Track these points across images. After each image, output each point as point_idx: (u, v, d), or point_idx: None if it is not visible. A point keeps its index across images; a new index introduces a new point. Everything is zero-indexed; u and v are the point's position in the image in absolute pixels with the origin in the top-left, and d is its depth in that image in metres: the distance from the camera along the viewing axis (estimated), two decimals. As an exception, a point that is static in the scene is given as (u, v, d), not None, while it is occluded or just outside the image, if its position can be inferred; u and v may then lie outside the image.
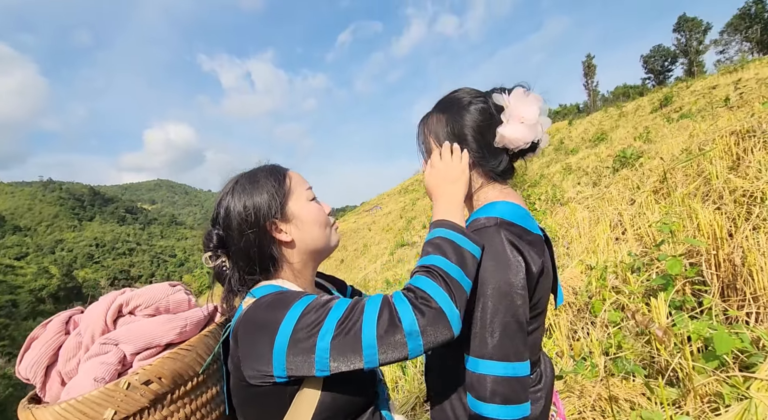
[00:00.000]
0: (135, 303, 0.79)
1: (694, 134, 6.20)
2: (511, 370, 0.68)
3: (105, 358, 0.70)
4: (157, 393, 0.67)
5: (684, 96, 18.40)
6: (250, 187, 0.77)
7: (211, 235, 0.77)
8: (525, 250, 0.73)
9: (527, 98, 0.81)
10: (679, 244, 2.61)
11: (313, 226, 0.80)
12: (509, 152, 0.86)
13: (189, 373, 0.72)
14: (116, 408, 0.63)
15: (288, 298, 0.68)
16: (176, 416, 0.70)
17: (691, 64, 53.99)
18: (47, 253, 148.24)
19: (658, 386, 1.53)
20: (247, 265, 0.77)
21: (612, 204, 4.24)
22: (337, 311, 0.64)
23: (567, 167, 11.60)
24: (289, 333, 0.62)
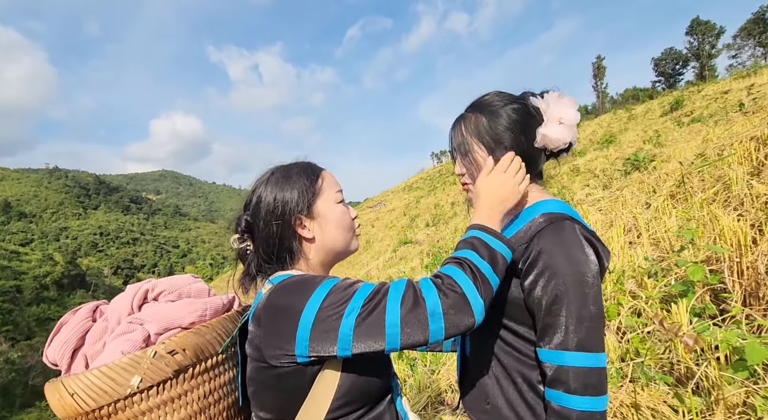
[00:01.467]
0: (159, 289, 0.84)
1: (708, 139, 6.11)
2: (597, 361, 0.69)
3: (131, 336, 0.73)
4: (181, 364, 0.71)
5: (695, 100, 18.20)
6: (283, 180, 0.81)
7: (241, 219, 0.82)
8: (597, 244, 0.76)
9: (563, 100, 0.84)
10: (700, 250, 2.56)
11: (336, 228, 0.82)
12: (546, 152, 0.88)
13: (209, 350, 0.76)
14: (142, 375, 0.67)
15: (313, 280, 0.70)
16: (195, 392, 0.73)
17: (703, 68, 53.36)
18: (52, 240, 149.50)
19: (684, 395, 1.50)
20: (266, 254, 0.80)
21: (626, 207, 4.18)
22: (363, 292, 0.65)
23: (575, 169, 11.51)
24: (315, 312, 0.64)
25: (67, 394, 0.64)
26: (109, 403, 0.65)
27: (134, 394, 0.67)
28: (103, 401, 0.65)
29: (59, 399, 0.65)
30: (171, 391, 0.70)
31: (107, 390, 0.65)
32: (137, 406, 0.67)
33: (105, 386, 0.65)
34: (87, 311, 0.82)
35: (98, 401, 0.65)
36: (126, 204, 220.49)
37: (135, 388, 0.66)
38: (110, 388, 0.65)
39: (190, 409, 0.72)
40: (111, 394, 0.65)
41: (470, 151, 0.88)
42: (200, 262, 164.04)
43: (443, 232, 14.64)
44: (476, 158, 0.87)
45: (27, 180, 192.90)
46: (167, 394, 0.70)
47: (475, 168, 0.88)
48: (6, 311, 70.27)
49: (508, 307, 0.80)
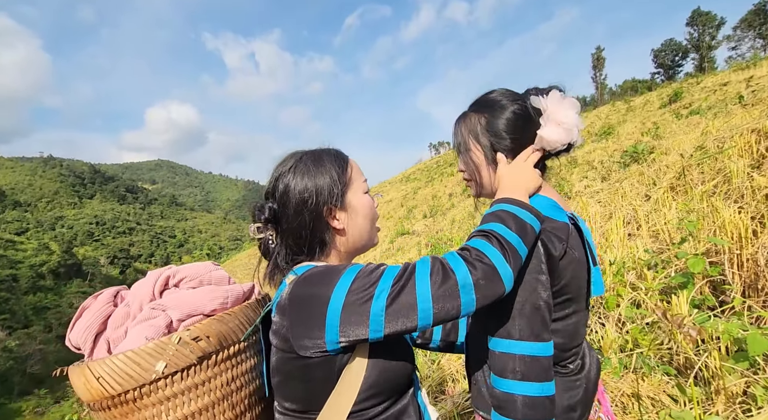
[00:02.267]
0: (181, 276, 0.84)
1: (707, 131, 6.11)
2: (528, 349, 0.71)
3: (154, 322, 0.74)
4: (205, 351, 0.71)
5: (694, 92, 18.15)
6: (315, 168, 0.77)
7: (265, 208, 0.77)
8: (544, 236, 0.76)
9: (564, 102, 0.84)
10: (700, 242, 2.57)
11: (364, 219, 0.81)
12: (545, 152, 0.89)
13: (232, 337, 0.76)
14: (167, 361, 0.67)
15: (336, 268, 0.68)
16: (218, 379, 0.74)
17: (703, 60, 53.10)
18: (47, 229, 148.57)
19: (684, 384, 1.51)
20: (296, 245, 0.77)
21: (626, 199, 4.19)
22: (391, 273, 0.65)
23: (572, 160, 11.50)
24: (343, 297, 0.63)
25: (93, 377, 0.65)
26: (135, 388, 0.66)
27: (159, 379, 0.67)
28: (129, 386, 0.66)
29: (85, 382, 0.66)
30: (195, 378, 0.71)
31: (133, 375, 0.66)
32: (162, 391, 0.68)
33: (131, 371, 0.66)
34: (108, 296, 0.83)
35: (124, 385, 0.66)
36: (122, 193, 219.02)
37: (160, 373, 0.67)
38: (136, 373, 0.66)
39: (213, 396, 0.73)
40: (136, 378, 0.66)
41: (469, 151, 0.91)
42: (197, 253, 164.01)
43: (441, 223, 14.66)
44: (474, 158, 0.91)
45: (21, 169, 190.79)
46: (191, 380, 0.70)
47: (474, 167, 0.91)
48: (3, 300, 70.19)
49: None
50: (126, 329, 0.77)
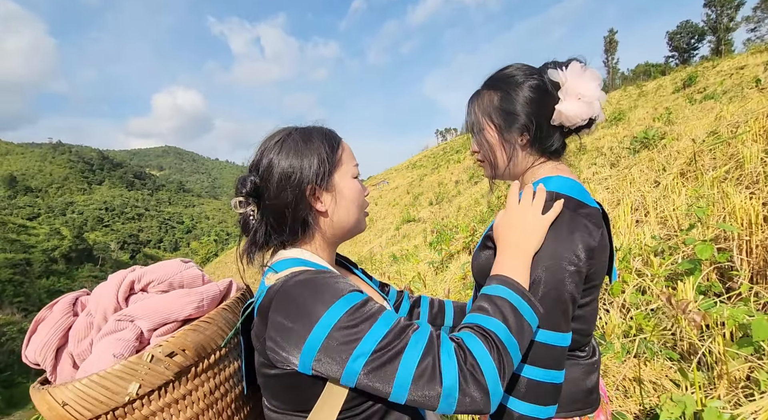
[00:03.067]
0: (147, 279, 0.75)
1: (721, 116, 5.95)
2: (543, 337, 0.69)
3: (122, 335, 0.67)
4: (182, 365, 0.66)
5: (709, 76, 17.63)
6: (303, 145, 0.73)
7: (246, 181, 0.72)
8: (581, 223, 0.73)
9: (585, 74, 0.79)
10: (709, 228, 2.54)
11: (350, 204, 0.77)
12: (564, 129, 0.85)
13: (211, 345, 0.70)
14: (140, 381, 0.62)
15: (333, 286, 0.62)
16: (200, 390, 0.69)
17: (719, 43, 51.36)
18: (58, 214, 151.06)
19: (689, 369, 1.51)
20: (277, 223, 0.72)
21: (634, 185, 4.13)
22: (380, 330, 0.59)
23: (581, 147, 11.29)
24: (326, 332, 0.58)
25: (57, 404, 0.59)
26: (107, 412, 0.61)
27: (133, 401, 0.62)
28: (99, 411, 0.60)
29: (49, 409, 0.60)
30: (174, 394, 0.66)
31: (102, 399, 0.60)
32: (138, 411, 0.63)
33: (99, 396, 0.60)
34: (66, 306, 0.75)
35: (94, 411, 0.60)
36: (130, 179, 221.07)
37: (133, 395, 0.61)
38: (105, 398, 0.60)
39: (196, 408, 0.68)
40: (107, 403, 0.60)
41: (482, 131, 0.87)
42: (204, 238, 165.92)
43: (447, 210, 14.62)
44: (488, 138, 0.87)
45: (31, 155, 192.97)
46: (170, 396, 0.65)
47: (488, 147, 0.88)
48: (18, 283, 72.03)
49: None
50: (91, 341, 0.70)
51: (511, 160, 0.86)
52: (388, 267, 7.54)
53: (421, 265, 5.83)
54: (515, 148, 0.85)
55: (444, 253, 5.74)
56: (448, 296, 3.54)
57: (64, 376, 0.70)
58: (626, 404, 1.61)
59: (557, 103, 0.80)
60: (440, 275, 5.24)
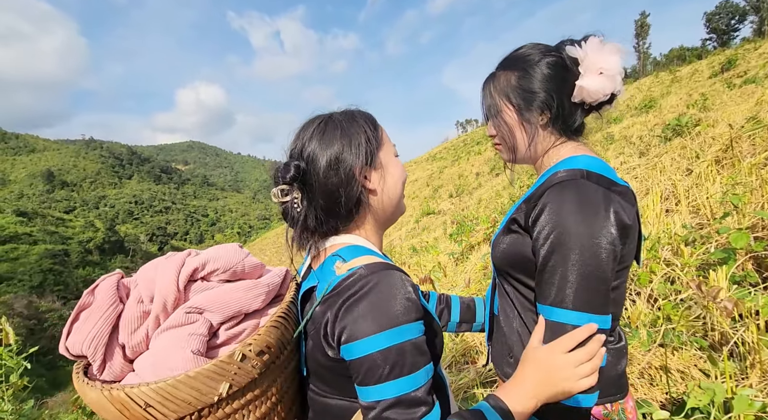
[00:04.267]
0: (211, 267, 0.71)
1: (763, 101, 5.62)
2: (586, 321, 0.66)
3: (194, 329, 0.65)
4: (267, 363, 0.65)
5: (750, 59, 16.58)
6: (348, 125, 0.73)
7: (290, 166, 0.69)
8: (615, 201, 0.70)
9: (605, 47, 0.76)
10: (745, 216, 2.43)
11: (396, 182, 0.77)
12: (585, 106, 0.82)
13: (287, 341, 0.70)
14: (231, 381, 0.60)
15: (410, 299, 0.62)
16: (275, 386, 0.69)
17: (762, 23, 48.05)
18: (92, 207, 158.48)
19: (719, 358, 1.47)
20: (330, 206, 0.70)
21: (664, 174, 3.97)
22: (415, 383, 0.60)
23: (609, 137, 10.92)
24: (378, 348, 0.59)
25: (136, 405, 0.56)
26: (191, 413, 0.59)
27: (220, 401, 0.60)
28: (185, 412, 0.58)
29: (123, 410, 0.56)
30: (255, 391, 0.65)
31: (191, 401, 0.58)
32: (222, 410, 0.61)
33: (188, 396, 0.57)
34: (111, 291, 0.69)
35: (178, 412, 0.58)
36: (157, 174, 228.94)
37: (223, 395, 0.60)
38: (194, 399, 0.58)
39: (270, 403, 0.68)
40: (194, 404, 0.58)
41: (500, 112, 0.85)
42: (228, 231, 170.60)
43: (467, 202, 14.47)
44: (506, 120, 0.85)
45: (66, 151, 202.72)
46: (251, 394, 0.64)
47: (507, 129, 0.86)
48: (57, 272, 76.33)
49: (525, 266, 0.79)
50: (146, 333, 0.66)
51: (532, 140, 0.84)
52: (408, 258, 7.57)
53: (441, 256, 5.83)
54: (536, 128, 0.83)
55: (464, 245, 5.71)
56: (469, 286, 3.54)
57: (115, 369, 0.65)
58: (652, 392, 1.58)
59: (578, 79, 0.78)
60: (461, 266, 5.23)
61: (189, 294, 0.70)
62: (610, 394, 0.81)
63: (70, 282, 76.01)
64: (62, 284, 73.77)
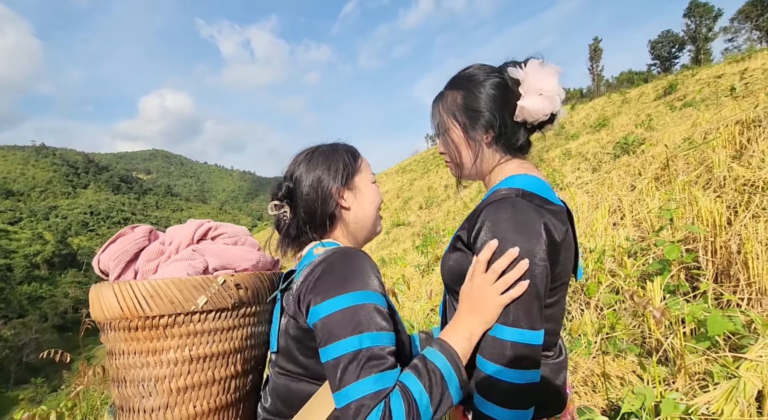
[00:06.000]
0: (221, 231, 0.90)
1: (697, 123, 6.17)
2: (519, 337, 0.68)
3: (194, 263, 0.79)
4: (241, 299, 0.77)
5: (689, 84, 18.18)
6: (330, 154, 0.89)
7: (282, 186, 0.87)
8: (547, 219, 0.72)
9: (544, 69, 0.79)
10: (678, 230, 2.64)
11: (369, 204, 0.90)
12: (527, 126, 0.85)
13: (262, 296, 0.82)
14: (209, 297, 0.72)
15: (367, 272, 0.71)
16: (240, 331, 0.79)
17: (699, 52, 53.00)
18: (41, 219, 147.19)
19: (650, 364, 1.58)
20: (308, 218, 0.85)
21: (612, 189, 4.25)
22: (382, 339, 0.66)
23: (567, 152, 11.57)
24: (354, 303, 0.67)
25: (133, 294, 0.68)
26: (171, 315, 0.69)
27: (195, 312, 0.70)
28: (166, 311, 0.68)
29: (121, 299, 0.68)
30: (223, 322, 0.75)
31: (174, 301, 0.68)
32: (192, 325, 0.71)
33: (173, 297, 0.68)
34: (145, 230, 0.87)
35: (162, 309, 0.68)
36: (116, 183, 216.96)
37: (199, 307, 0.70)
38: (177, 301, 0.68)
39: (232, 344, 0.77)
40: (176, 305, 0.68)
41: (447, 130, 0.88)
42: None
43: (436, 214, 14.73)
44: (453, 137, 0.87)
45: (13, 157, 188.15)
46: (220, 322, 0.74)
47: (454, 147, 0.88)
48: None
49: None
50: (157, 265, 0.81)
51: (477, 158, 0.86)
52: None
53: (407, 268, 5.88)
54: (481, 146, 0.85)
55: (430, 256, 5.80)
56: (431, 298, 3.59)
57: None
58: (594, 399, 1.67)
59: (519, 99, 0.81)
60: (426, 278, 5.30)
61: (203, 245, 0.86)
62: (546, 409, 0.81)
63: (12, 299, 69.64)
64: (3, 302, 67.44)
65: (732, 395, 1.30)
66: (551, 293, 0.76)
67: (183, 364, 0.71)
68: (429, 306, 3.64)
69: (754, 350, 1.41)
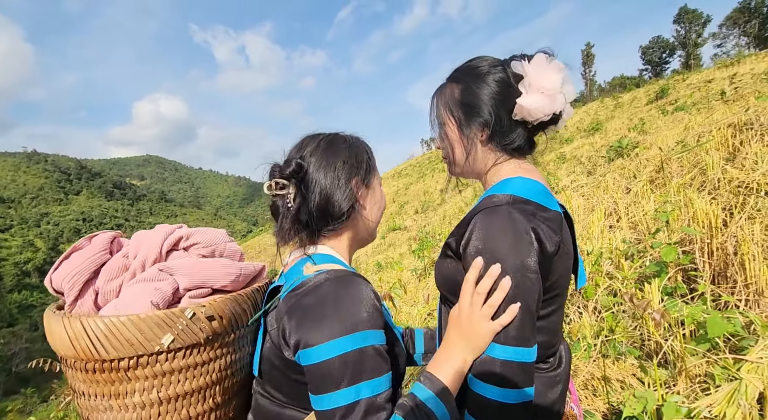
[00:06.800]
0: (194, 240, 0.77)
1: (690, 126, 6.24)
2: (512, 355, 0.64)
3: (161, 286, 0.68)
4: (215, 331, 0.66)
5: (680, 89, 18.44)
6: (354, 142, 0.80)
7: (291, 162, 0.71)
8: (539, 229, 0.68)
9: (549, 66, 0.74)
10: (674, 232, 2.65)
11: (378, 207, 0.83)
12: (528, 125, 0.79)
13: (242, 320, 0.71)
14: (175, 335, 0.61)
15: (370, 307, 0.63)
16: (219, 362, 0.68)
17: (689, 57, 53.95)
18: (32, 226, 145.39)
19: (651, 367, 1.57)
20: (324, 206, 0.72)
21: (608, 192, 4.27)
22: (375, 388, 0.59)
23: (561, 156, 11.64)
24: (342, 351, 0.59)
25: (85, 335, 0.57)
26: (132, 357, 0.59)
27: (161, 352, 0.60)
28: (126, 353, 0.58)
29: (73, 338, 0.57)
30: (197, 357, 0.65)
31: (134, 342, 0.58)
32: (159, 365, 0.61)
33: (133, 338, 0.58)
34: (105, 241, 0.74)
35: (120, 352, 0.58)
36: (109, 189, 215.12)
37: (165, 347, 0.60)
38: (137, 342, 0.58)
39: (209, 378, 0.67)
40: (137, 347, 0.59)
41: (443, 125, 0.83)
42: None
43: (432, 218, 14.74)
44: (448, 133, 0.83)
45: (4, 164, 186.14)
46: (192, 359, 0.64)
47: (448, 143, 0.84)
48: (-14, 299, 68.68)
49: (458, 291, 0.75)
50: (120, 284, 0.70)
51: (469, 156, 0.81)
52: (372, 275, 7.54)
53: (404, 273, 5.86)
54: (474, 143, 0.80)
55: (427, 261, 5.78)
56: (428, 302, 3.57)
57: (84, 309, 0.68)
58: (595, 403, 1.65)
59: (519, 96, 0.75)
60: (423, 282, 5.27)
61: (168, 260, 0.75)
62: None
63: (1, 308, 68.49)
64: (-8, 311, 66.28)
65: (734, 398, 1.29)
66: (544, 305, 0.71)
67: (152, 407, 0.62)
68: (426, 310, 3.62)
69: (755, 352, 1.40)
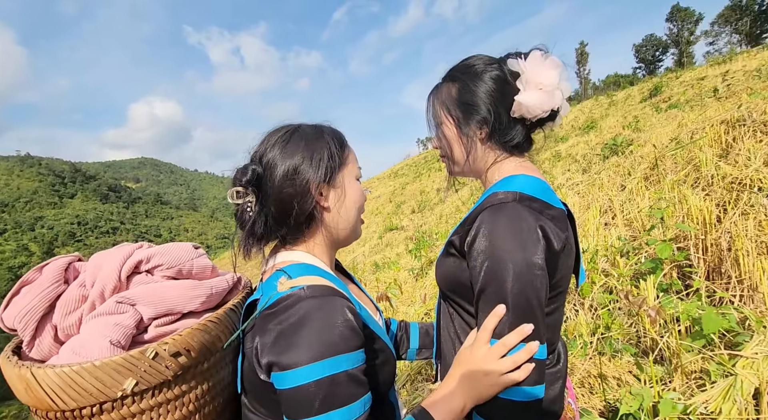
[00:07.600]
0: (157, 261, 0.70)
1: (683, 124, 6.28)
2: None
3: (121, 320, 0.62)
4: (183, 367, 0.61)
5: (673, 86, 18.55)
6: (313, 139, 0.72)
7: (247, 169, 0.68)
8: (547, 226, 0.68)
9: (545, 62, 0.74)
10: (669, 229, 2.66)
11: (352, 205, 0.77)
12: (527, 122, 0.80)
13: (215, 347, 0.66)
14: (138, 378, 0.57)
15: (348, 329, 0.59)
16: (194, 392, 0.64)
17: (681, 55, 54.41)
18: (26, 230, 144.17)
19: (647, 364, 1.57)
20: (280, 215, 0.70)
21: (602, 190, 4.28)
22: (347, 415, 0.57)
23: (556, 155, 11.67)
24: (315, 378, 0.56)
25: (39, 388, 0.54)
26: (93, 405, 0.56)
27: (125, 397, 0.57)
28: (86, 402, 0.55)
29: (27, 390, 0.55)
30: (167, 394, 0.61)
31: (93, 391, 0.55)
32: (127, 408, 0.58)
33: (90, 387, 0.55)
34: (57, 271, 0.68)
35: (79, 402, 0.55)
36: (104, 192, 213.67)
37: (127, 391, 0.56)
38: (96, 390, 0.55)
39: (185, 410, 0.63)
40: (96, 395, 0.55)
41: (441, 124, 0.83)
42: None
43: (428, 218, 14.74)
44: (446, 132, 0.83)
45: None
46: (162, 396, 0.61)
47: (446, 142, 0.84)
48: (-20, 304, 67.96)
49: (463, 292, 0.77)
50: (80, 317, 0.64)
51: (469, 154, 0.81)
52: (369, 275, 7.52)
53: (401, 273, 5.85)
54: (474, 142, 0.81)
55: (424, 260, 5.78)
56: (425, 302, 3.56)
57: (43, 348, 0.64)
58: (591, 400, 1.65)
59: (517, 93, 0.76)
60: (420, 281, 5.27)
61: (130, 285, 0.69)
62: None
63: (-4, 314, 67.84)
64: (-14, 317, 65.63)
65: (729, 393, 1.29)
66: (548, 302, 0.71)
67: None
68: (423, 310, 3.61)
69: (750, 347, 1.40)
